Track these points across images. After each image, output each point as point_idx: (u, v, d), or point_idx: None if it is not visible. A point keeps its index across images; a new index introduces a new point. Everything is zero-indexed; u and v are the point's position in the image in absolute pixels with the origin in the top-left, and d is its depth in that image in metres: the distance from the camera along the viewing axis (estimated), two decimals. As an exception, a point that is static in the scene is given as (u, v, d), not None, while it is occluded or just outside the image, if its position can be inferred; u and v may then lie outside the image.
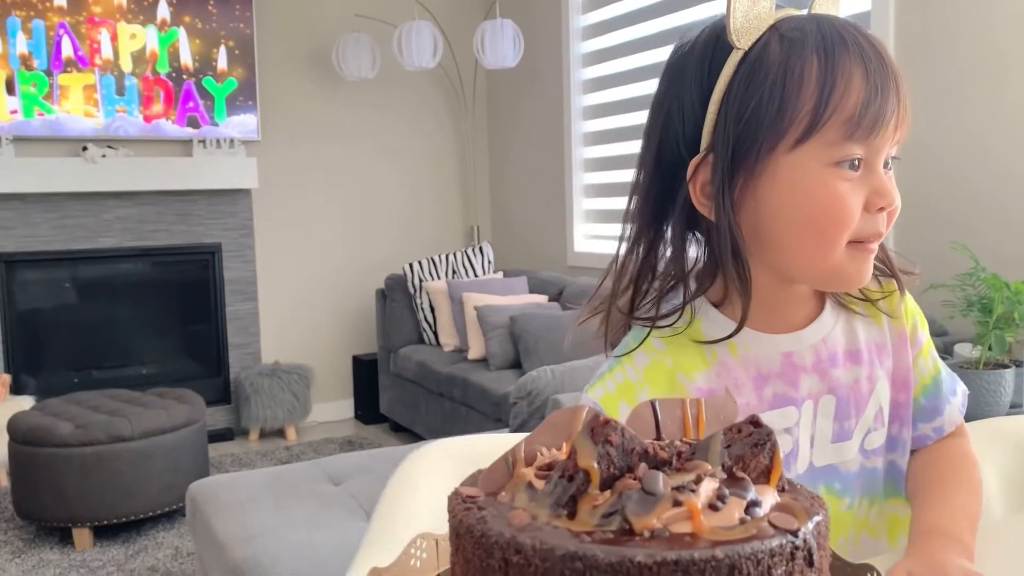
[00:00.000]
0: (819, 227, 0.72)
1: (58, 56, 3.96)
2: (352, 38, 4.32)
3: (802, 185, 0.72)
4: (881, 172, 0.74)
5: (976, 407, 2.05)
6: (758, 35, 0.72)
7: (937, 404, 0.88)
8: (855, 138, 0.71)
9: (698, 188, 0.75)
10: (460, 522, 0.40)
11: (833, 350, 0.82)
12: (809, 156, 0.72)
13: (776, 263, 0.77)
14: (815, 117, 0.70)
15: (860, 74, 0.71)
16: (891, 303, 0.86)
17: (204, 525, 2.13)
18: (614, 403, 0.79)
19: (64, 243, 4.05)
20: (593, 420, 0.41)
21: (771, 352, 0.80)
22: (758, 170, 0.73)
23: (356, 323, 4.74)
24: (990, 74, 2.54)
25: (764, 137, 0.72)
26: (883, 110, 0.71)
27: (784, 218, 0.73)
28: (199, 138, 4.20)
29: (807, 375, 0.80)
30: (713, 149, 0.73)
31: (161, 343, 4.39)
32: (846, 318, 0.84)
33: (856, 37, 0.72)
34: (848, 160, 0.72)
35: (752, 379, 0.79)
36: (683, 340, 0.79)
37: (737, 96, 0.72)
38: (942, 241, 2.59)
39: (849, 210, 0.72)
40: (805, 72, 0.71)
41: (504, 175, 4.96)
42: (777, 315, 0.81)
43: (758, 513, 0.39)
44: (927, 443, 0.89)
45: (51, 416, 3.09)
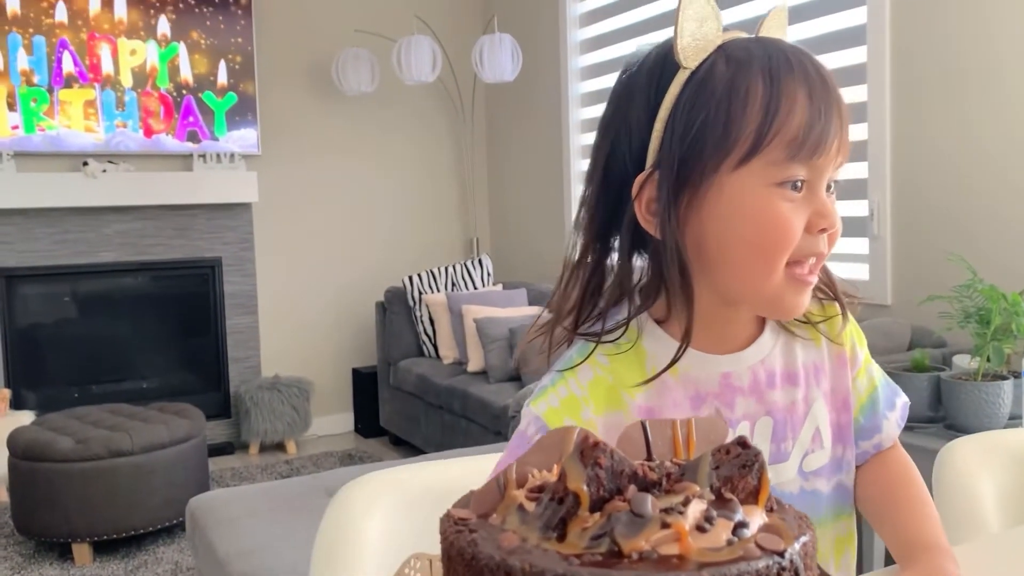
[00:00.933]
0: (761, 246, 0.73)
1: (59, 72, 3.98)
2: (351, 53, 4.35)
3: (745, 204, 0.73)
4: (823, 194, 0.75)
5: (975, 419, 2.05)
6: (705, 55, 0.74)
7: (875, 421, 0.89)
8: (798, 159, 0.72)
9: (643, 205, 0.76)
10: (451, 544, 0.41)
11: (771, 371, 0.83)
12: (753, 175, 0.73)
13: (718, 283, 0.78)
14: (759, 137, 0.71)
15: (804, 96, 0.72)
16: (832, 327, 0.86)
17: (204, 540, 2.13)
18: (559, 418, 0.78)
19: (65, 258, 4.06)
20: (583, 442, 0.41)
21: (710, 372, 0.80)
22: (703, 188, 0.74)
23: (356, 336, 4.75)
24: (988, 86, 2.55)
25: (709, 155, 0.73)
26: (826, 132, 0.72)
27: (727, 236, 0.74)
28: (199, 153, 4.22)
29: (743, 397, 0.81)
30: (659, 166, 0.74)
31: (161, 357, 4.39)
32: (785, 339, 0.84)
33: (801, 61, 0.74)
34: (791, 181, 0.73)
35: (690, 399, 0.80)
36: (626, 356, 0.79)
37: (683, 114, 0.73)
38: (939, 252, 2.59)
39: (791, 230, 0.73)
40: (751, 92, 0.72)
41: (503, 188, 4.98)
42: (718, 335, 0.81)
43: (745, 534, 0.40)
44: (866, 459, 0.89)
45: (51, 431, 3.09)
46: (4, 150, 3.85)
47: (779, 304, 0.77)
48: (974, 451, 1.13)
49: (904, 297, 2.78)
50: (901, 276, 2.82)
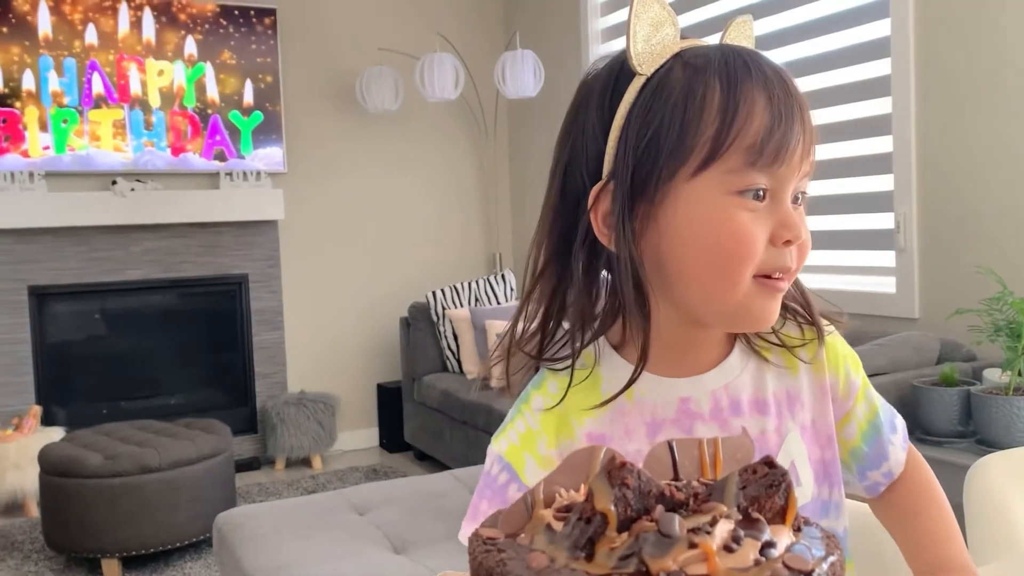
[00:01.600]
0: (720, 258, 0.69)
1: (89, 93, 4.05)
2: (375, 71, 4.39)
3: (703, 213, 0.69)
4: (788, 204, 0.71)
5: (1006, 433, 2.02)
6: (661, 62, 0.71)
7: (880, 448, 0.83)
8: (758, 166, 0.69)
9: (599, 218, 0.72)
10: (480, 564, 0.41)
11: (736, 398, 0.77)
12: (710, 184, 0.69)
13: (680, 299, 0.73)
14: (716, 143, 0.68)
15: (763, 101, 0.69)
16: (811, 351, 0.80)
17: (231, 556, 2.14)
18: (519, 455, 0.75)
19: (93, 276, 4.12)
20: (610, 463, 0.42)
21: (668, 397, 0.76)
22: (659, 198, 0.70)
23: (380, 351, 4.77)
24: (1014, 96, 2.53)
25: (664, 163, 0.69)
26: (787, 138, 0.68)
27: (686, 248, 0.70)
28: (226, 171, 4.27)
29: (704, 423, 0.75)
30: (614, 176, 0.71)
31: (188, 373, 4.43)
32: (756, 365, 0.79)
33: (760, 65, 0.70)
34: (751, 189, 0.69)
35: (646, 425, 0.75)
36: (583, 385, 0.76)
37: (637, 121, 0.70)
38: (967, 265, 2.57)
39: (751, 241, 0.69)
40: (707, 97, 0.69)
41: (525, 203, 4.99)
42: (679, 358, 0.77)
43: (773, 554, 0.40)
44: (880, 491, 0.85)
45: (81, 447, 3.13)
46: (36, 170, 3.92)
47: (746, 315, 0.72)
48: (1005, 467, 1.12)
49: (932, 310, 2.75)
50: (929, 289, 2.80)
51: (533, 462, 0.75)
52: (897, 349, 2.40)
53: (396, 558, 2.02)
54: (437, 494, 2.41)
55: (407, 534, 2.16)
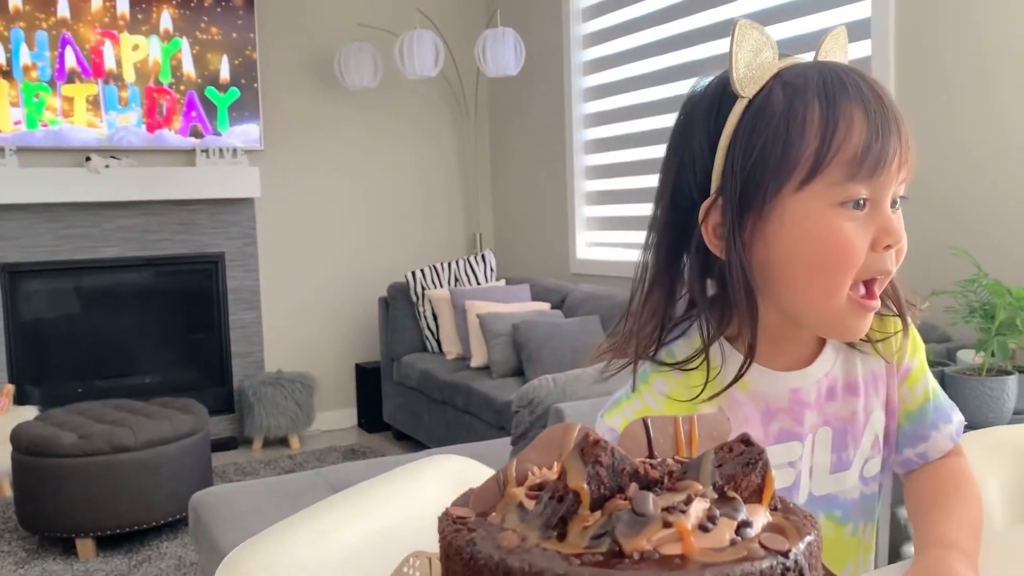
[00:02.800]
0: (825, 266, 0.75)
1: (61, 67, 3.97)
2: (354, 47, 4.34)
3: (808, 225, 0.74)
4: (887, 210, 0.76)
5: (979, 414, 2.04)
6: (762, 83, 0.76)
7: (921, 431, 0.89)
8: (858, 178, 0.73)
9: (710, 230, 0.78)
10: (449, 544, 0.40)
11: (833, 385, 0.85)
12: (814, 197, 0.74)
13: (783, 303, 0.79)
14: (818, 158, 0.73)
15: (861, 116, 0.73)
16: (887, 345, 0.88)
17: (206, 536, 2.13)
18: None
19: (68, 253, 4.06)
20: (583, 440, 0.41)
21: (779, 388, 0.82)
22: (766, 211, 0.75)
23: (359, 331, 4.74)
24: (993, 80, 2.53)
25: (770, 179, 0.74)
26: (885, 150, 0.73)
27: (792, 257, 0.76)
28: (202, 148, 4.22)
29: (810, 411, 0.83)
30: (722, 192, 0.76)
31: (164, 352, 4.39)
32: (846, 352, 0.86)
33: (857, 81, 0.75)
34: (852, 200, 0.74)
35: (760, 414, 0.82)
36: (697, 372, 0.81)
37: (743, 141, 0.75)
38: (944, 246, 2.58)
39: (854, 248, 0.74)
40: (807, 116, 0.73)
41: (506, 183, 4.97)
42: (784, 352, 0.83)
43: (749, 534, 0.39)
44: (912, 468, 0.91)
45: (54, 426, 3.10)
46: (7, 145, 3.85)
47: (840, 327, 0.78)
48: (979, 447, 1.12)
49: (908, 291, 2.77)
50: (905, 270, 2.79)
51: None
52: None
53: (373, 537, 2.01)
54: (415, 474, 2.40)
55: (384, 513, 2.15)
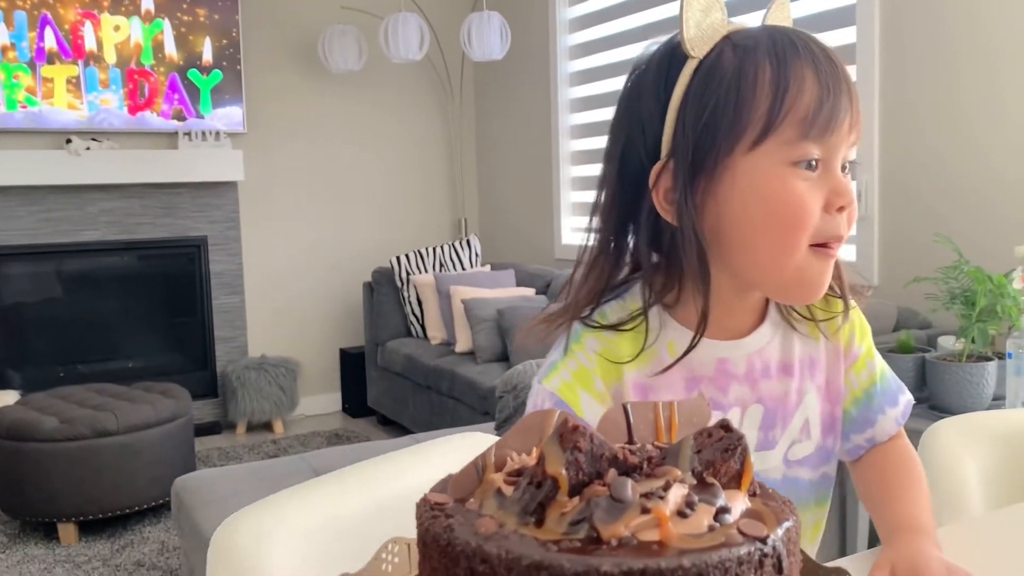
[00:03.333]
0: (779, 226, 0.74)
1: (41, 47, 3.92)
2: (338, 30, 4.30)
3: (761, 185, 0.74)
4: (839, 172, 0.76)
5: (958, 399, 2.06)
6: (712, 45, 0.75)
7: (868, 415, 0.90)
8: (811, 136, 0.73)
9: (661, 195, 0.77)
10: (427, 530, 0.40)
11: (767, 362, 0.84)
12: (767, 156, 0.74)
13: (738, 267, 0.78)
14: (770, 117, 0.73)
15: (812, 75, 0.73)
16: (832, 325, 0.88)
17: (189, 520, 2.12)
18: (573, 391, 0.80)
19: (48, 236, 4.02)
20: (563, 426, 0.40)
21: (707, 356, 0.82)
22: (718, 173, 0.75)
23: (343, 316, 4.73)
24: (977, 68, 2.54)
25: (722, 139, 0.74)
26: (836, 108, 0.73)
27: (745, 219, 0.75)
28: (184, 131, 4.18)
29: (738, 383, 0.83)
30: (673, 155, 0.76)
31: (147, 337, 4.36)
32: (784, 332, 0.86)
33: (807, 42, 0.75)
34: (805, 160, 0.74)
35: (685, 379, 0.82)
36: (629, 333, 0.81)
37: (694, 102, 0.74)
38: (926, 233, 2.59)
39: (808, 208, 0.74)
40: (759, 75, 0.73)
41: (491, 168, 4.95)
42: (723, 322, 0.82)
43: (727, 520, 0.39)
44: (860, 454, 0.91)
45: (36, 411, 3.07)
46: (-15, 127, 3.81)
47: (801, 282, 0.76)
48: (957, 433, 1.13)
49: (891, 278, 2.79)
50: (888, 257, 2.83)
51: (589, 397, 0.80)
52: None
53: (356, 522, 2.01)
54: (399, 458, 2.40)
55: (368, 498, 2.15)
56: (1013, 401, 1.99)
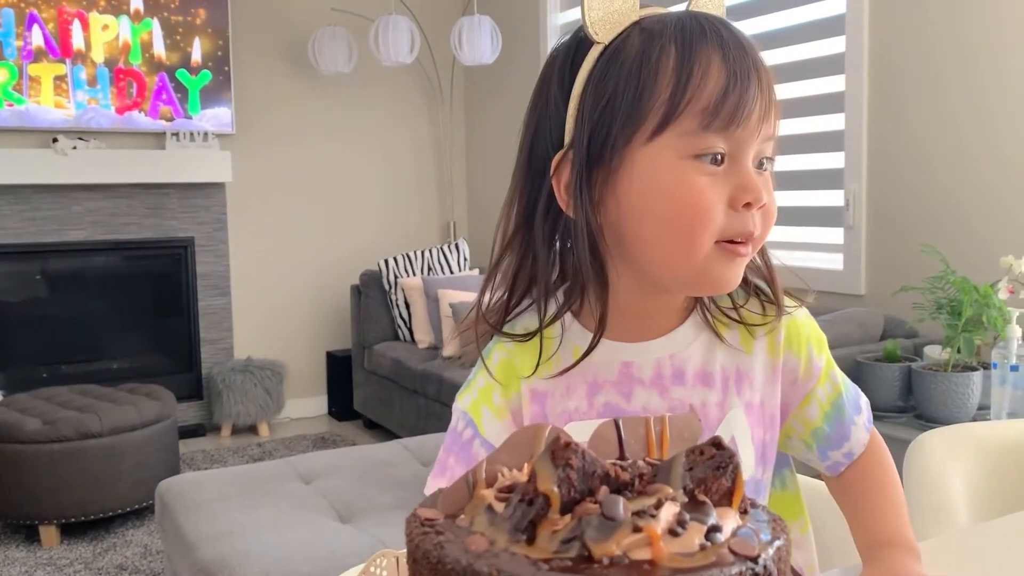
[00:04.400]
0: (678, 223, 0.69)
1: (28, 46, 3.89)
2: (328, 31, 4.29)
3: (659, 178, 0.69)
4: (748, 167, 0.70)
5: (944, 409, 2.07)
6: (619, 30, 0.71)
7: (843, 430, 0.83)
8: (713, 128, 0.68)
9: (562, 186, 0.73)
10: (417, 547, 0.40)
11: (681, 368, 0.78)
12: (666, 148, 0.69)
13: (639, 265, 0.74)
14: (671, 106, 0.68)
15: (718, 62, 0.68)
16: (772, 335, 0.80)
17: (173, 524, 2.11)
18: (478, 409, 0.79)
19: (34, 236, 3.99)
20: (554, 443, 0.40)
21: (610, 359, 0.77)
22: (615, 164, 0.70)
23: (330, 319, 4.71)
24: (965, 79, 2.56)
25: (620, 128, 0.70)
26: (743, 100, 0.68)
27: (643, 214, 0.70)
28: (172, 131, 4.16)
29: (643, 389, 0.77)
30: (573, 145, 0.72)
31: (132, 338, 4.34)
32: (708, 338, 0.79)
33: (717, 28, 0.70)
34: (708, 153, 0.69)
35: (587, 384, 0.77)
36: (530, 342, 0.78)
37: (594, 87, 0.70)
38: (913, 243, 2.61)
39: (707, 204, 0.69)
40: (662, 61, 0.69)
41: (481, 172, 4.95)
42: (631, 324, 0.77)
43: (719, 539, 0.39)
44: (840, 470, 0.86)
45: (18, 412, 3.05)
46: (-29, 125, 3.77)
47: (706, 279, 0.72)
48: (943, 444, 1.14)
49: (878, 287, 2.80)
50: (875, 266, 2.84)
51: (489, 413, 0.78)
52: (843, 325, 2.44)
53: (342, 527, 2.01)
54: (385, 463, 2.39)
55: (354, 503, 2.14)
56: (998, 411, 2.00)
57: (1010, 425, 1.31)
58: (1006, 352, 1.98)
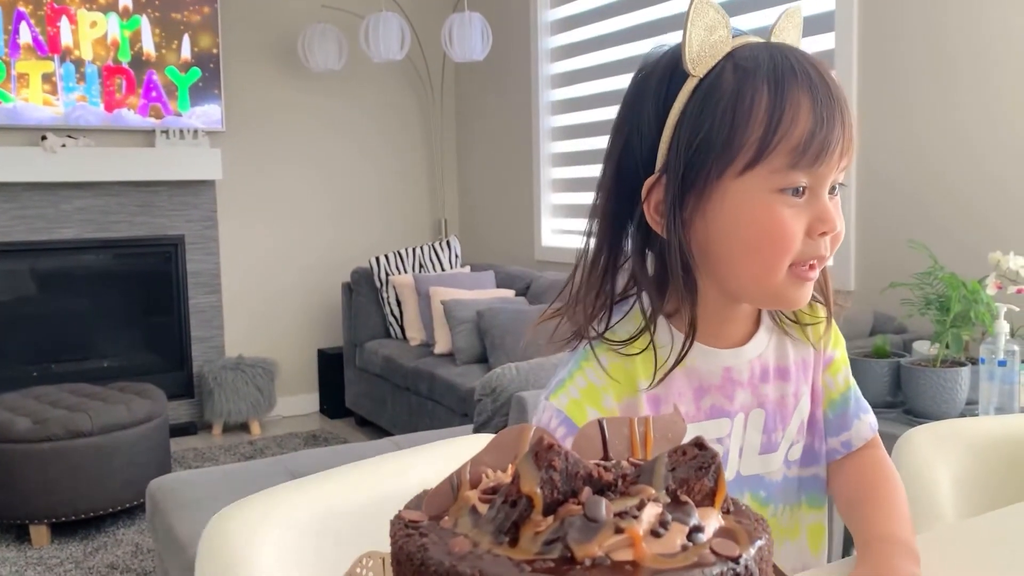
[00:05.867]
0: (762, 250, 0.76)
1: (15, 43, 3.87)
2: (319, 29, 4.28)
3: (748, 209, 0.76)
4: (825, 198, 0.77)
5: (932, 404, 2.08)
6: (714, 63, 0.76)
7: (844, 420, 0.92)
8: (800, 166, 0.74)
9: (652, 207, 0.79)
10: (400, 549, 0.40)
11: (765, 366, 0.87)
12: (755, 182, 0.75)
13: (722, 281, 0.81)
14: (763, 145, 0.74)
15: (808, 104, 0.74)
16: (816, 330, 0.90)
17: (164, 523, 2.10)
18: (581, 409, 0.80)
19: (23, 234, 3.97)
20: (537, 444, 0.40)
21: (713, 366, 0.84)
22: (707, 193, 0.76)
23: (321, 317, 4.71)
24: (953, 75, 2.57)
25: (713, 162, 0.75)
26: (828, 140, 0.74)
27: (730, 239, 0.77)
28: (162, 128, 4.14)
29: (742, 389, 0.85)
30: (666, 171, 0.77)
31: (122, 336, 4.32)
32: (778, 337, 0.89)
33: (807, 68, 0.75)
34: (792, 188, 0.75)
35: (693, 390, 0.84)
36: (642, 352, 0.82)
37: (690, 122, 0.75)
38: (902, 239, 2.62)
39: (790, 235, 0.76)
40: (755, 101, 0.74)
41: (472, 169, 4.95)
42: (720, 330, 0.85)
43: (701, 539, 0.39)
44: (837, 457, 0.93)
45: (8, 411, 3.04)
46: (-41, 123, 3.75)
47: (781, 299, 0.79)
48: (931, 440, 1.14)
49: (867, 283, 2.81)
50: (864, 262, 2.85)
51: (597, 415, 0.77)
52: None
53: (333, 525, 2.01)
54: (376, 461, 2.39)
55: (345, 501, 2.14)
56: (986, 407, 2.01)
57: (997, 420, 1.31)
58: (994, 347, 1.99)
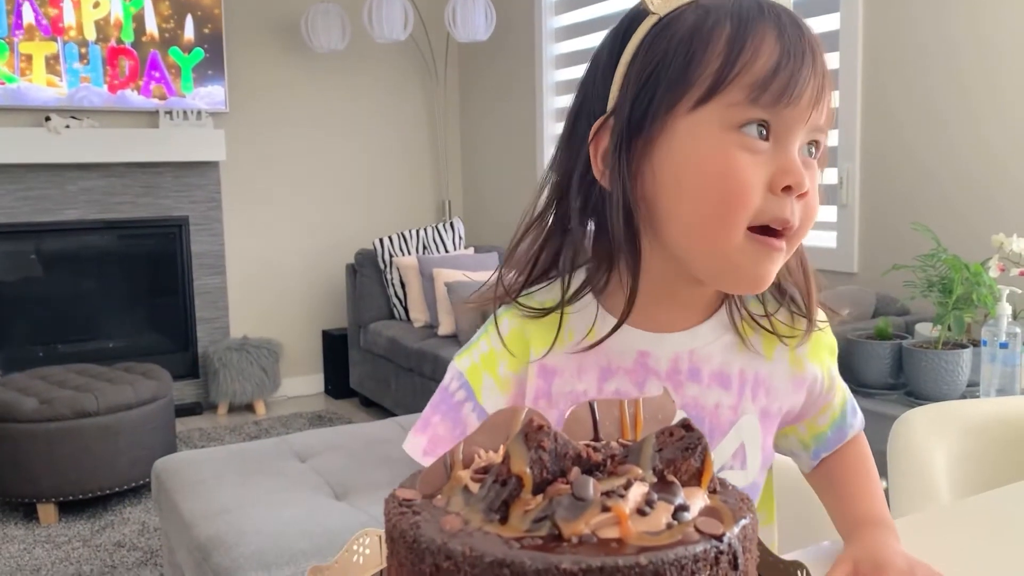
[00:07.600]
0: (711, 198, 0.66)
1: (19, 23, 3.87)
2: (322, 8, 4.27)
3: (698, 149, 0.67)
4: (793, 150, 0.67)
5: (934, 386, 2.09)
6: (677, 5, 0.69)
7: (842, 433, 0.86)
8: (761, 102, 0.65)
9: (599, 156, 0.71)
10: (394, 526, 0.41)
11: (697, 365, 0.76)
12: (710, 118, 0.66)
13: (671, 244, 0.71)
14: (720, 75, 0.66)
15: (772, 39, 0.66)
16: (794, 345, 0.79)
17: (169, 502, 2.13)
18: (478, 374, 0.76)
19: (27, 215, 3.99)
20: (528, 425, 0.41)
21: (627, 346, 0.75)
22: (655, 133, 0.68)
23: (326, 298, 4.72)
24: (957, 58, 2.56)
25: (663, 95, 0.67)
26: (795, 78, 0.66)
27: (678, 187, 0.68)
28: (166, 109, 4.14)
29: (658, 380, 0.75)
30: (615, 112, 0.70)
31: (128, 317, 4.34)
32: (731, 340, 0.77)
33: (776, 9, 0.68)
34: (752, 122, 0.66)
35: (599, 368, 0.75)
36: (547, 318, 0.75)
37: (643, 55, 0.69)
38: (906, 221, 2.62)
39: (744, 183, 0.66)
40: (715, 32, 0.67)
41: (476, 150, 4.94)
42: (655, 313, 0.75)
43: (685, 518, 0.40)
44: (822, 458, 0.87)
45: (15, 391, 3.06)
46: (-37, 104, 3.76)
47: (737, 272, 0.69)
48: (928, 422, 1.15)
49: (870, 265, 2.81)
50: (867, 244, 2.85)
51: (491, 382, 0.76)
52: (834, 303, 2.45)
53: (337, 504, 2.03)
54: (381, 441, 2.42)
55: (349, 481, 2.16)
56: (987, 388, 2.02)
57: (995, 402, 1.32)
58: (995, 330, 2.00)
